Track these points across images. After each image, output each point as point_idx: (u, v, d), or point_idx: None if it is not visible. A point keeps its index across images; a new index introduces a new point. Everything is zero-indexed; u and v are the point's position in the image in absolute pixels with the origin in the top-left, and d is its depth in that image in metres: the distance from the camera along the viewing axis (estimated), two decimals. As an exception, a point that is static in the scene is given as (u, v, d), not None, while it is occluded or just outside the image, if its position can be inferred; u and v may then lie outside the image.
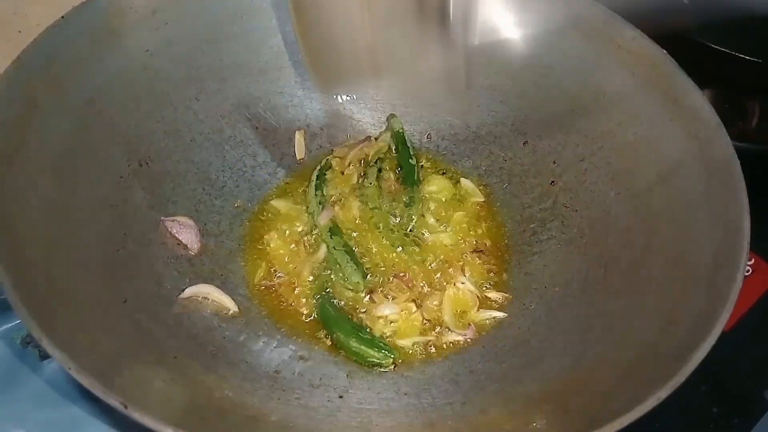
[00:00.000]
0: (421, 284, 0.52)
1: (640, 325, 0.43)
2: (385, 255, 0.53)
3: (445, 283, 0.52)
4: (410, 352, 0.49)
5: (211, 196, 0.54)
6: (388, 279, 0.52)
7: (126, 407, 0.32)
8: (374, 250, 0.53)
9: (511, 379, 0.45)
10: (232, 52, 0.56)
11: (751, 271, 0.59)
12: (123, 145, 0.50)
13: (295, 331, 0.49)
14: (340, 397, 0.45)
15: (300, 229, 0.54)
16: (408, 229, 0.55)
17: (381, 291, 0.51)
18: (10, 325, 0.50)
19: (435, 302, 0.51)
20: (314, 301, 0.51)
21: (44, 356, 0.49)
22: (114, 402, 0.32)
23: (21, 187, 0.42)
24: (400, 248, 0.53)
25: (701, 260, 0.43)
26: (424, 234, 0.54)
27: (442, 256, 0.53)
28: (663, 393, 0.35)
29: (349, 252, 0.52)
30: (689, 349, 0.38)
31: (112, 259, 0.45)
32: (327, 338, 0.49)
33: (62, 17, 0.48)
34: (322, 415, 0.43)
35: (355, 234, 0.54)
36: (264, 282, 0.51)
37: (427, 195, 0.57)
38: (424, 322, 0.50)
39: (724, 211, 0.45)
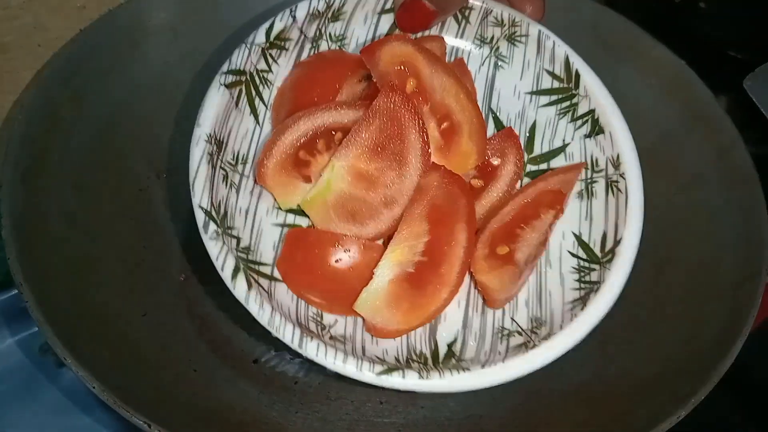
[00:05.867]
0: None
1: (660, 340, 0.43)
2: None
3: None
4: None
5: (228, 206, 0.54)
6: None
7: (150, 426, 0.32)
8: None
9: (528, 393, 0.45)
10: (249, 63, 0.56)
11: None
12: (142, 158, 0.50)
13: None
14: (358, 410, 0.45)
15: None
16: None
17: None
18: (27, 333, 0.51)
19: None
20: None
21: (61, 364, 0.49)
22: (138, 422, 0.32)
23: (43, 202, 0.42)
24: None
25: (722, 274, 0.43)
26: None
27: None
28: (683, 412, 0.35)
29: None
30: (710, 365, 0.38)
31: (131, 273, 0.45)
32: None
33: (82, 31, 0.48)
34: (341, 429, 0.43)
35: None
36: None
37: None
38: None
39: (745, 225, 0.45)
